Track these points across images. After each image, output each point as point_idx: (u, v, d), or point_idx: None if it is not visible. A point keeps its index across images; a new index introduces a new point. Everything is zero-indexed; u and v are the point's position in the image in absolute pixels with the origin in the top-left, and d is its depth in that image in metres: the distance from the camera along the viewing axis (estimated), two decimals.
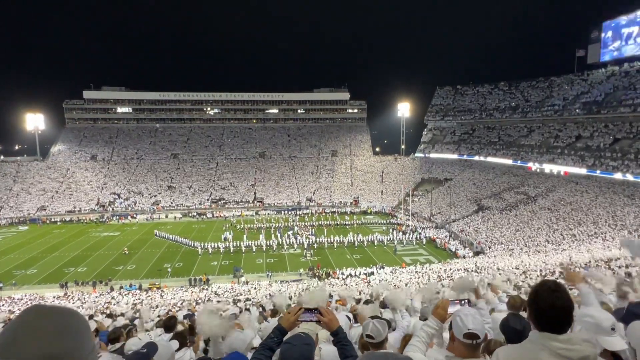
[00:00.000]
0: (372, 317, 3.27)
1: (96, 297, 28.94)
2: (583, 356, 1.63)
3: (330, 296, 13.09)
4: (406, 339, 3.37)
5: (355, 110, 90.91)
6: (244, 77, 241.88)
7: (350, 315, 6.06)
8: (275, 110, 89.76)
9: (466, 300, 2.88)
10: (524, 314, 3.42)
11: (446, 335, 2.73)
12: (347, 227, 51.81)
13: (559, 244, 34.61)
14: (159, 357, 3.17)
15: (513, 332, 3.07)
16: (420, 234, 46.94)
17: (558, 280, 1.85)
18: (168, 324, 6.38)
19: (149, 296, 27.30)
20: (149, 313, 12.88)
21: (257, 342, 4.53)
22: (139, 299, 26.18)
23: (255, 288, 28.68)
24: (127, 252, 41.60)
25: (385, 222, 55.36)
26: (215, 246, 42.18)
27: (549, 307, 1.71)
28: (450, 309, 2.68)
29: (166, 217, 60.48)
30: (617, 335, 2.51)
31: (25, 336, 0.94)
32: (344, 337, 2.42)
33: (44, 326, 0.96)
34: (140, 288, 31.62)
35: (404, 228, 49.84)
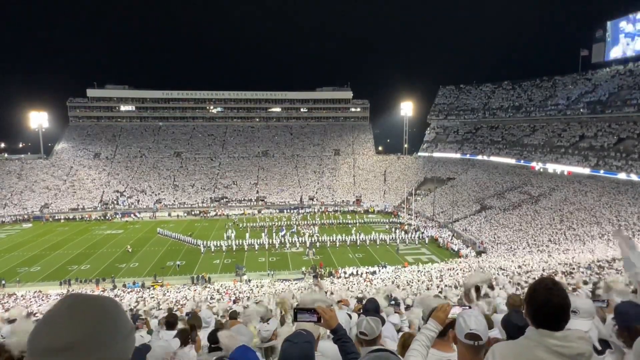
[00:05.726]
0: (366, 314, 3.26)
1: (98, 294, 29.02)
2: (578, 353, 1.64)
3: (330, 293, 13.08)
4: (404, 337, 3.36)
5: (358, 109, 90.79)
6: (247, 76, 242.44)
7: (353, 314, 6.04)
8: (278, 109, 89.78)
9: (468, 306, 2.88)
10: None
11: None
12: (350, 226, 51.80)
13: (562, 244, 34.48)
14: (155, 357, 3.16)
15: (515, 328, 3.08)
16: (422, 233, 46.88)
17: (556, 279, 1.87)
18: (170, 320, 6.40)
19: (152, 295, 27.38)
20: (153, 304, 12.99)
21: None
22: (141, 296, 26.27)
23: (257, 286, 28.74)
24: (130, 250, 41.75)
25: (387, 221, 55.31)
26: (218, 244, 42.26)
27: (545, 304, 1.72)
28: (452, 312, 2.67)
29: (169, 215, 60.65)
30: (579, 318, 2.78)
31: (53, 325, 0.97)
32: (343, 334, 2.41)
33: (81, 312, 0.99)
34: (142, 286, 31.73)
35: (406, 227, 49.79)
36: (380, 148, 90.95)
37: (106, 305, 1.05)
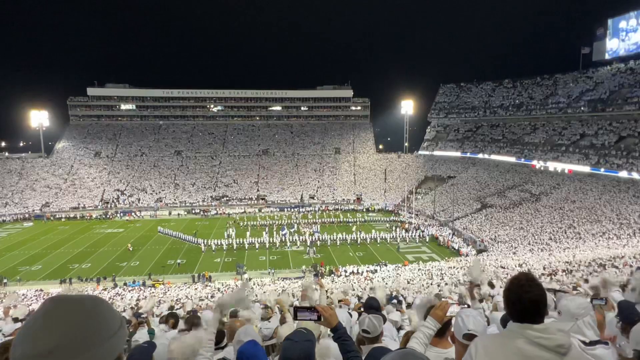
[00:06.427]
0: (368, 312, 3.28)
1: (99, 293, 29.11)
2: (558, 344, 1.66)
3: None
4: (407, 335, 3.38)
5: (359, 108, 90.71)
6: (248, 74, 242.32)
7: (353, 312, 6.05)
8: (278, 108, 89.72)
9: (467, 305, 2.90)
10: None
11: None
12: (350, 224, 51.79)
13: (563, 242, 34.47)
14: (158, 356, 3.16)
15: None
16: (423, 231, 46.85)
17: (531, 274, 1.90)
18: (172, 320, 6.41)
19: (153, 293, 27.42)
20: (152, 301, 13.04)
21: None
22: (143, 295, 26.33)
23: (257, 285, 28.77)
24: (131, 249, 41.79)
25: (388, 219, 55.30)
26: (219, 243, 42.29)
27: (518, 300, 1.76)
28: (450, 311, 2.68)
29: (170, 214, 60.67)
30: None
31: (32, 331, 0.95)
32: (343, 332, 2.41)
33: (59, 316, 0.97)
34: (144, 284, 31.77)
35: (407, 226, 49.78)
36: (380, 146, 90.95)
37: (87, 306, 1.01)
